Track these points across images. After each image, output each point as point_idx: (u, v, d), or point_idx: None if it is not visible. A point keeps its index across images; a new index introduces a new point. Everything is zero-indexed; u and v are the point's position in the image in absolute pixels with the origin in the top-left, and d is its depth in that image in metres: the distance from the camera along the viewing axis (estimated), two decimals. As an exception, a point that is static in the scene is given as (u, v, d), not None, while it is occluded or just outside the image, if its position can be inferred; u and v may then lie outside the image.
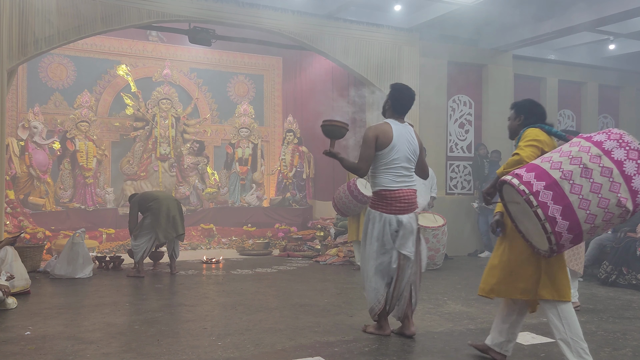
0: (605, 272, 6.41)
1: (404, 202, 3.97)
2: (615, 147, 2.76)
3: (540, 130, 3.25)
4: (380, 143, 3.92)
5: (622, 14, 7.79)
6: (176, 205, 7.07)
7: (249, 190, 11.35)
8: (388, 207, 3.95)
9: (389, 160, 3.94)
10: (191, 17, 7.66)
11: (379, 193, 3.99)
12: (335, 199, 7.25)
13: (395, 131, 3.97)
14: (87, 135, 10.03)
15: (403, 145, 3.97)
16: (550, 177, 2.75)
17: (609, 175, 2.71)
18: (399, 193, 3.95)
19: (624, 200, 2.71)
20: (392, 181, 3.95)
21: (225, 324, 4.35)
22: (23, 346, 3.71)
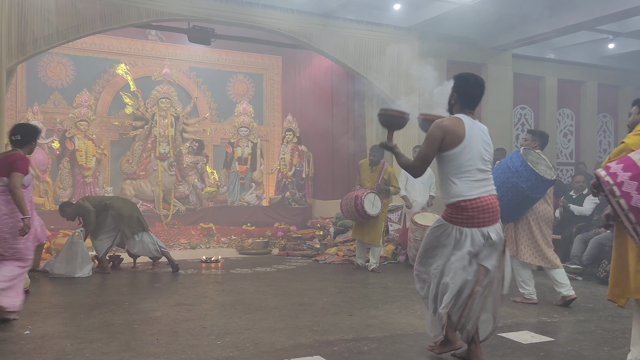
0: (604, 271, 6.41)
1: (489, 211, 3.33)
2: None
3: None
4: (449, 143, 3.32)
5: (621, 13, 7.80)
6: (135, 205, 7.34)
7: (248, 189, 11.34)
8: (470, 220, 3.31)
9: (463, 162, 3.33)
10: (190, 16, 7.66)
11: (456, 205, 3.33)
12: (343, 204, 7.22)
13: (468, 127, 3.36)
14: (86, 134, 10.03)
15: (477, 143, 3.37)
16: (637, 168, 2.71)
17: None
18: (480, 202, 3.31)
19: None
20: (470, 188, 3.33)
21: (225, 323, 4.35)
22: (22, 345, 3.70)
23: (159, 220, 10.28)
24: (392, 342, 3.87)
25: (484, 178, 3.37)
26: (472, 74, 3.55)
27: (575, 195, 7.77)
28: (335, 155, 10.73)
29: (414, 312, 4.81)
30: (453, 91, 3.52)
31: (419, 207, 7.92)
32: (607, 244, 6.70)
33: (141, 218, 7.11)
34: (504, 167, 5.14)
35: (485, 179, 3.38)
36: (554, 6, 8.25)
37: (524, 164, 4.99)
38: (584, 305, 5.27)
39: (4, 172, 4.34)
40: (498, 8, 8.13)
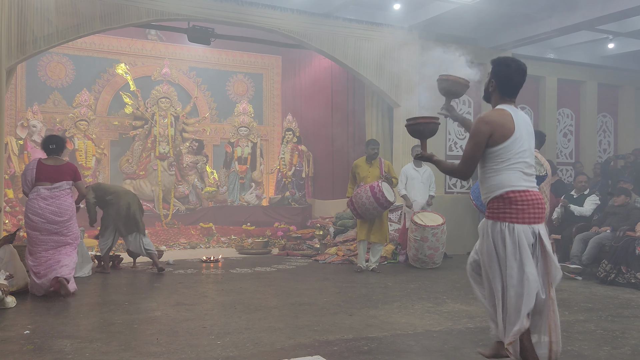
0: (604, 271, 6.42)
1: (538, 207, 3.01)
2: None
3: None
4: (498, 138, 2.99)
5: (621, 13, 7.79)
6: (136, 201, 7.16)
7: (248, 189, 11.34)
8: (520, 215, 2.96)
9: (512, 156, 3.00)
10: (190, 16, 7.66)
11: (504, 197, 2.99)
12: (354, 201, 6.89)
13: (516, 119, 3.04)
14: (86, 134, 10.03)
15: (526, 136, 3.06)
16: None
17: None
18: (530, 195, 2.99)
19: None
20: (520, 179, 3.00)
21: (225, 323, 4.35)
22: (22, 345, 3.70)
23: (159, 220, 10.28)
24: (392, 342, 3.87)
25: (531, 173, 3.06)
26: (513, 58, 3.21)
27: (577, 195, 7.77)
28: (335, 155, 10.72)
29: (414, 312, 4.81)
30: (492, 77, 3.20)
31: (419, 206, 7.92)
32: (606, 244, 6.70)
33: (138, 218, 6.99)
34: None
35: (532, 174, 3.07)
36: (554, 6, 8.25)
37: None
38: (584, 305, 5.27)
39: (68, 177, 5.68)
40: (498, 8, 8.13)
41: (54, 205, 5.48)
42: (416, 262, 7.59)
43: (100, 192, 7.03)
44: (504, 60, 3.19)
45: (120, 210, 6.90)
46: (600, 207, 7.66)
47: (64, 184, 5.60)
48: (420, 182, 8.02)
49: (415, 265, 7.61)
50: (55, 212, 5.47)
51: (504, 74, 3.15)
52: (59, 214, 5.49)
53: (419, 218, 7.47)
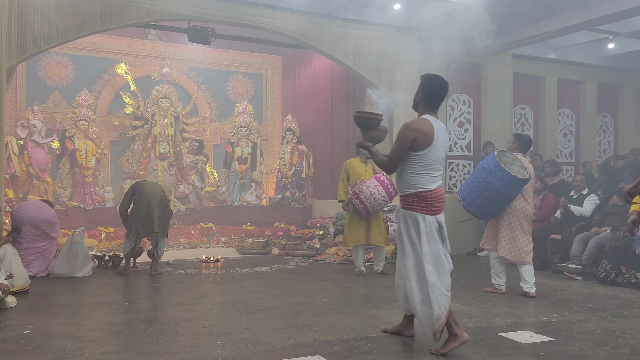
0: (604, 271, 6.42)
1: (441, 201, 3.74)
2: None
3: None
4: (420, 144, 3.61)
5: (621, 13, 7.79)
6: (158, 200, 6.83)
7: (248, 189, 11.34)
8: (428, 208, 3.68)
9: (429, 162, 3.65)
10: (190, 16, 7.66)
11: (417, 195, 3.68)
12: (360, 194, 6.59)
13: (436, 129, 3.66)
14: (86, 134, 10.03)
15: (441, 144, 3.70)
16: None
17: None
18: (437, 193, 3.71)
19: None
20: (431, 182, 3.68)
21: (225, 323, 4.35)
22: (22, 345, 3.71)
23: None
24: (392, 342, 3.87)
25: (440, 174, 3.76)
26: (438, 75, 3.86)
27: (576, 195, 7.77)
28: (335, 155, 10.72)
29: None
30: (419, 90, 3.82)
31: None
32: (606, 244, 6.71)
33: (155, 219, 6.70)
34: (480, 168, 5.65)
35: (440, 174, 3.78)
36: (554, 6, 8.25)
37: (497, 165, 5.46)
38: (584, 305, 5.27)
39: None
40: (498, 8, 8.13)
41: None
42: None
43: (135, 190, 6.92)
44: (431, 76, 3.84)
45: (140, 210, 6.72)
46: (600, 207, 7.66)
47: None
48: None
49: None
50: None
51: (429, 88, 3.81)
52: None
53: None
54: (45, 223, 6.52)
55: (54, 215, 6.74)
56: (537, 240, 7.75)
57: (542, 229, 7.78)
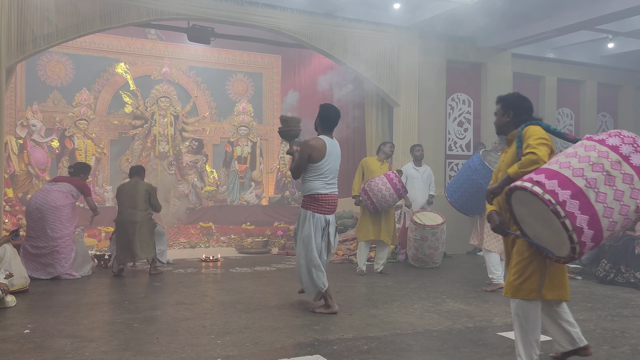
0: (603, 271, 6.42)
1: (332, 204, 4.75)
2: (632, 152, 2.72)
3: (540, 128, 3.15)
4: (314, 158, 4.64)
5: (620, 13, 7.80)
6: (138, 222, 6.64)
7: (247, 188, 11.35)
8: (319, 208, 4.71)
9: (322, 172, 4.69)
10: (190, 15, 7.66)
11: (311, 196, 4.72)
12: (368, 190, 6.65)
13: (329, 148, 4.70)
14: (85, 133, 10.03)
15: (333, 159, 4.72)
16: (575, 186, 2.68)
17: (630, 182, 2.68)
18: (328, 197, 4.72)
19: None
20: (323, 187, 4.70)
21: (225, 322, 4.35)
22: (22, 344, 3.71)
23: (159, 219, 10.28)
24: (391, 341, 3.87)
25: (333, 182, 4.77)
26: (332, 105, 4.89)
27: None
28: (334, 154, 10.72)
29: (414, 311, 4.82)
30: (317, 117, 4.86)
31: (419, 206, 7.92)
32: (606, 244, 6.71)
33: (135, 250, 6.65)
34: (465, 167, 5.94)
35: (334, 183, 4.78)
36: (554, 5, 8.26)
37: (481, 163, 5.79)
38: (584, 304, 5.28)
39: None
40: (497, 7, 8.13)
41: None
42: (416, 262, 7.60)
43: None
44: (326, 105, 4.90)
45: (119, 235, 6.70)
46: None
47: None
48: (420, 182, 8.01)
49: (415, 265, 7.61)
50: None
51: (324, 115, 4.84)
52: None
53: (418, 217, 7.47)
54: (50, 211, 6.30)
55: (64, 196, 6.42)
56: (537, 240, 7.76)
57: (542, 229, 7.78)
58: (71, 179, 6.66)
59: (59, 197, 6.40)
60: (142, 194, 6.76)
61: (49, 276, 6.22)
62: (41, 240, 6.23)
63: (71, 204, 6.53)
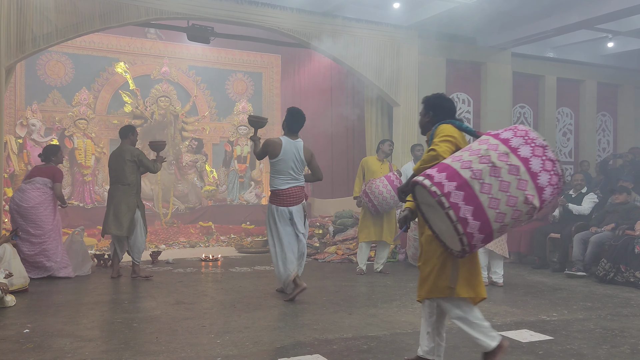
0: (603, 270, 6.42)
1: (294, 197, 5.22)
2: (522, 144, 2.74)
3: (453, 127, 3.17)
4: (270, 154, 5.19)
5: (620, 12, 7.80)
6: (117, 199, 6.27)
7: (247, 188, 11.35)
8: (281, 202, 5.21)
9: (278, 168, 5.20)
10: (190, 15, 7.65)
11: (274, 192, 5.25)
12: (369, 192, 6.66)
13: (285, 147, 5.17)
14: (85, 132, 10.02)
15: (290, 157, 5.18)
16: (462, 178, 2.71)
17: (516, 173, 2.69)
18: (288, 191, 5.22)
19: (531, 197, 2.69)
20: (282, 184, 5.21)
21: (224, 322, 4.35)
22: (22, 344, 3.71)
23: (158, 218, 10.28)
24: (391, 341, 3.87)
25: (294, 177, 5.25)
26: (298, 109, 5.34)
27: (575, 194, 7.77)
28: (334, 154, 10.72)
29: (414, 311, 4.82)
30: (284, 119, 5.33)
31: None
32: (606, 243, 6.71)
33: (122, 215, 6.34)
34: None
35: (296, 178, 5.26)
36: (553, 5, 8.25)
37: None
38: (583, 304, 5.28)
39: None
40: (497, 6, 8.13)
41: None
42: (415, 261, 7.59)
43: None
44: (291, 109, 5.34)
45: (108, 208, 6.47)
46: (599, 206, 7.66)
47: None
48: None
49: (415, 264, 7.61)
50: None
51: (289, 118, 5.32)
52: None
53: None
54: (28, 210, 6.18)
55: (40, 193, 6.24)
56: (537, 239, 7.76)
57: (541, 228, 7.78)
58: (42, 170, 6.38)
59: (35, 195, 6.21)
60: (127, 165, 6.30)
61: (43, 274, 6.19)
62: (28, 240, 6.15)
63: (49, 199, 6.30)
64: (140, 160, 6.37)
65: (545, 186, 2.71)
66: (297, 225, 5.23)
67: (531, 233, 7.85)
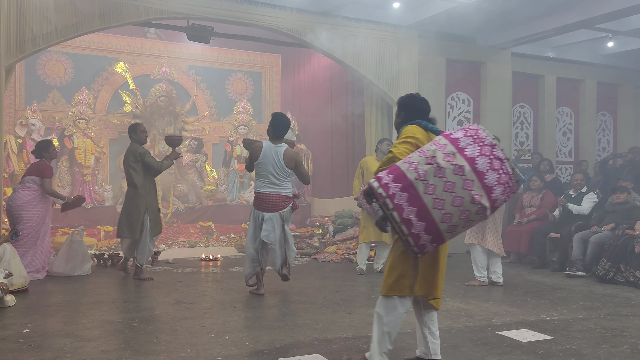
0: (603, 269, 6.42)
1: (269, 203, 5.30)
2: (470, 144, 2.71)
3: (418, 127, 3.16)
4: (252, 157, 5.34)
5: (620, 11, 7.79)
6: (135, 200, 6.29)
7: (247, 187, 11.34)
8: (258, 206, 5.34)
9: (258, 171, 5.32)
10: (189, 14, 7.64)
11: (255, 193, 5.39)
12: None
13: (265, 150, 5.27)
14: (85, 132, 10.01)
15: (269, 161, 5.25)
16: (407, 179, 2.71)
17: (461, 173, 2.67)
18: (265, 196, 5.30)
19: (478, 197, 2.66)
20: (261, 186, 5.31)
21: (224, 322, 4.35)
22: (21, 344, 3.71)
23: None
24: (391, 341, 3.87)
25: (275, 183, 5.29)
26: (281, 114, 5.44)
27: (574, 194, 7.78)
28: (334, 153, 10.72)
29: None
30: (270, 123, 5.39)
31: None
32: (606, 242, 6.71)
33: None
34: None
35: (276, 184, 5.29)
36: (553, 4, 8.25)
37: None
38: (583, 303, 5.28)
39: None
40: (497, 6, 8.13)
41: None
42: (415, 261, 7.59)
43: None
44: (275, 115, 5.42)
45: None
46: (598, 205, 7.66)
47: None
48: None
49: (415, 264, 7.60)
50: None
51: (273, 124, 5.36)
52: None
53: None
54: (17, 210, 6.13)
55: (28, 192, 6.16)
56: (536, 239, 7.76)
57: (541, 228, 7.78)
58: (32, 168, 6.32)
59: (23, 194, 6.12)
60: (131, 167, 6.24)
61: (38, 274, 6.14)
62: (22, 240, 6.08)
63: (37, 197, 6.17)
64: (143, 159, 6.23)
65: (493, 185, 2.68)
66: (263, 231, 5.28)
67: (531, 233, 7.85)
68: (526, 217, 8.07)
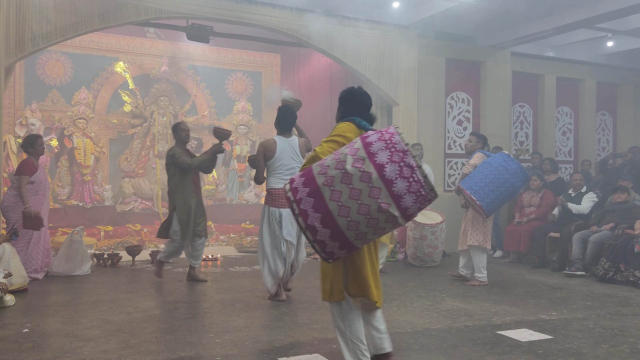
0: (602, 269, 6.42)
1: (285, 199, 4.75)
2: (382, 149, 2.57)
3: (350, 125, 3.01)
4: (267, 156, 5.10)
5: (620, 11, 7.79)
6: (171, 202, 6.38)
7: (247, 187, 11.34)
8: (273, 202, 5.13)
9: (275, 167, 5.11)
10: (189, 14, 7.65)
11: (268, 191, 5.17)
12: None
13: (280, 146, 5.11)
14: (84, 132, 10.01)
15: (288, 155, 5.12)
16: (315, 184, 2.61)
17: (367, 181, 2.53)
18: (281, 191, 5.03)
19: (385, 205, 2.53)
20: (277, 182, 5.10)
21: (224, 321, 4.35)
22: (21, 343, 3.70)
23: (158, 218, 10.27)
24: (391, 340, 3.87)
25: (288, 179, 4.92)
26: (288, 107, 5.31)
27: (574, 193, 7.78)
28: (334, 153, 10.71)
29: (413, 310, 4.82)
30: (276, 117, 5.25)
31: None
32: (605, 242, 6.71)
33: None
34: (501, 169, 5.92)
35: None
36: (553, 4, 8.25)
37: (519, 166, 6.00)
38: (583, 303, 5.28)
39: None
40: (497, 6, 8.13)
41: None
42: (415, 261, 7.60)
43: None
44: (281, 108, 5.24)
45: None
46: (598, 205, 7.67)
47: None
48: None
49: (414, 264, 7.62)
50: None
51: (279, 119, 5.22)
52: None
53: (418, 216, 7.48)
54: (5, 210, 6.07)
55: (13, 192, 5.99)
56: (536, 239, 7.76)
57: (541, 227, 7.78)
58: (18, 167, 6.13)
59: (9, 194, 6.01)
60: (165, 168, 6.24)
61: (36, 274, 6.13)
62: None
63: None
64: (173, 161, 6.02)
65: (403, 194, 2.53)
66: (283, 230, 5.09)
67: (531, 232, 7.85)
68: (526, 216, 8.07)
